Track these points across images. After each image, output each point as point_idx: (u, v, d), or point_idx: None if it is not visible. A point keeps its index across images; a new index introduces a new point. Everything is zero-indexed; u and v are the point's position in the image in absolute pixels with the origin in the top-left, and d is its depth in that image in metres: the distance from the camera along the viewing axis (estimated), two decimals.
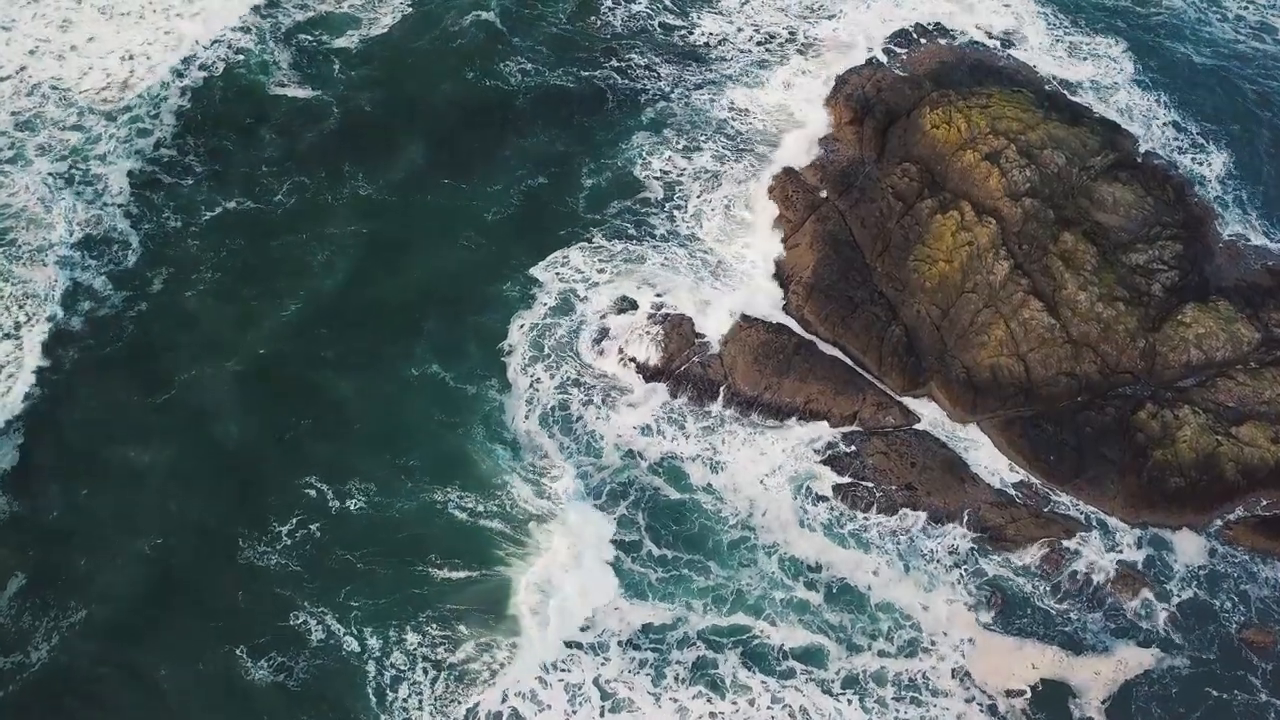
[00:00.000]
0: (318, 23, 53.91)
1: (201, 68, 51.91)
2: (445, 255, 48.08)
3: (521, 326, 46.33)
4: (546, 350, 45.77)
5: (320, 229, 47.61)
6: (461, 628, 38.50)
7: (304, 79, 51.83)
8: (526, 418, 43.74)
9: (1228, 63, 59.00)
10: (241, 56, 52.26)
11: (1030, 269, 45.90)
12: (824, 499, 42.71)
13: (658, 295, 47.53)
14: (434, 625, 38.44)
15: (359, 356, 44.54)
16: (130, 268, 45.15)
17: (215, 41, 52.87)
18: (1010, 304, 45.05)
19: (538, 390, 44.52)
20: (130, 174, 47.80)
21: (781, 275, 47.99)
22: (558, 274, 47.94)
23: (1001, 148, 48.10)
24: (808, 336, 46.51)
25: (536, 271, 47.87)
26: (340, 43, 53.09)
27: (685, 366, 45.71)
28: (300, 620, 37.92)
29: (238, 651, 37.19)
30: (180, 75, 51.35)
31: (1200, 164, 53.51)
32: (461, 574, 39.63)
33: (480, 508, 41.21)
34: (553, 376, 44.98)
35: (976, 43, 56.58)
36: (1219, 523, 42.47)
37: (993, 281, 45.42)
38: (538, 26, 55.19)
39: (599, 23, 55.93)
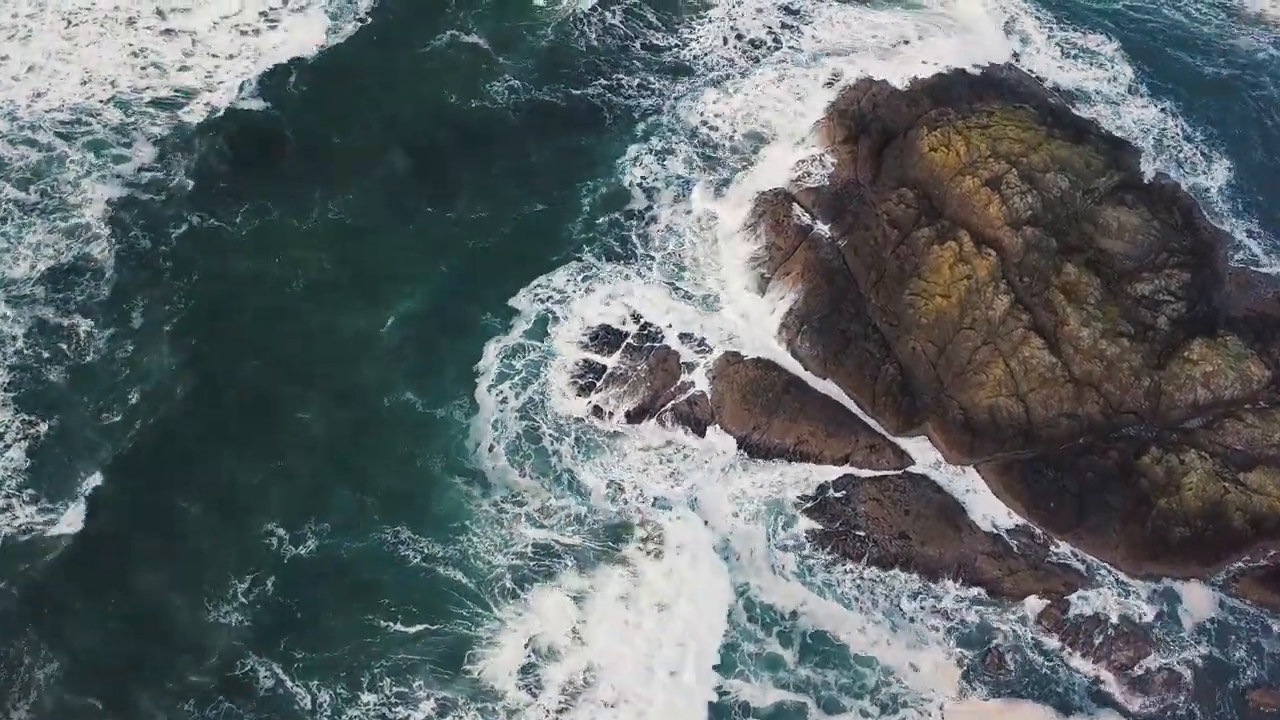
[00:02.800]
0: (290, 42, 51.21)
1: (175, 90, 49.20)
2: (425, 280, 45.99)
3: (500, 357, 44.54)
4: (524, 384, 44.03)
5: (294, 254, 45.49)
6: (419, 684, 36.87)
7: (271, 98, 49.18)
8: (491, 450, 42.09)
9: (1238, 72, 56.60)
10: (212, 77, 49.58)
11: (1031, 303, 43.83)
12: (809, 546, 40.90)
13: (642, 327, 45.52)
14: (389, 679, 36.94)
15: (331, 387, 42.76)
16: (103, 299, 43.04)
17: (187, 60, 50.08)
18: (1010, 341, 43.02)
19: (507, 427, 42.76)
20: (105, 200, 45.45)
21: (772, 306, 45.90)
22: (539, 301, 45.98)
23: (1002, 172, 45.86)
24: (798, 372, 44.56)
25: (517, 299, 45.91)
26: (313, 60, 50.42)
27: (670, 404, 43.80)
28: (248, 669, 36.39)
29: (187, 707, 35.75)
30: (151, 95, 48.70)
31: (1208, 182, 51.35)
32: (416, 626, 37.95)
33: (439, 553, 39.57)
34: (529, 413, 43.21)
35: (976, 53, 54.06)
36: (1225, 574, 40.71)
37: (992, 317, 43.36)
38: (519, 40, 52.55)
39: (582, 37, 53.33)
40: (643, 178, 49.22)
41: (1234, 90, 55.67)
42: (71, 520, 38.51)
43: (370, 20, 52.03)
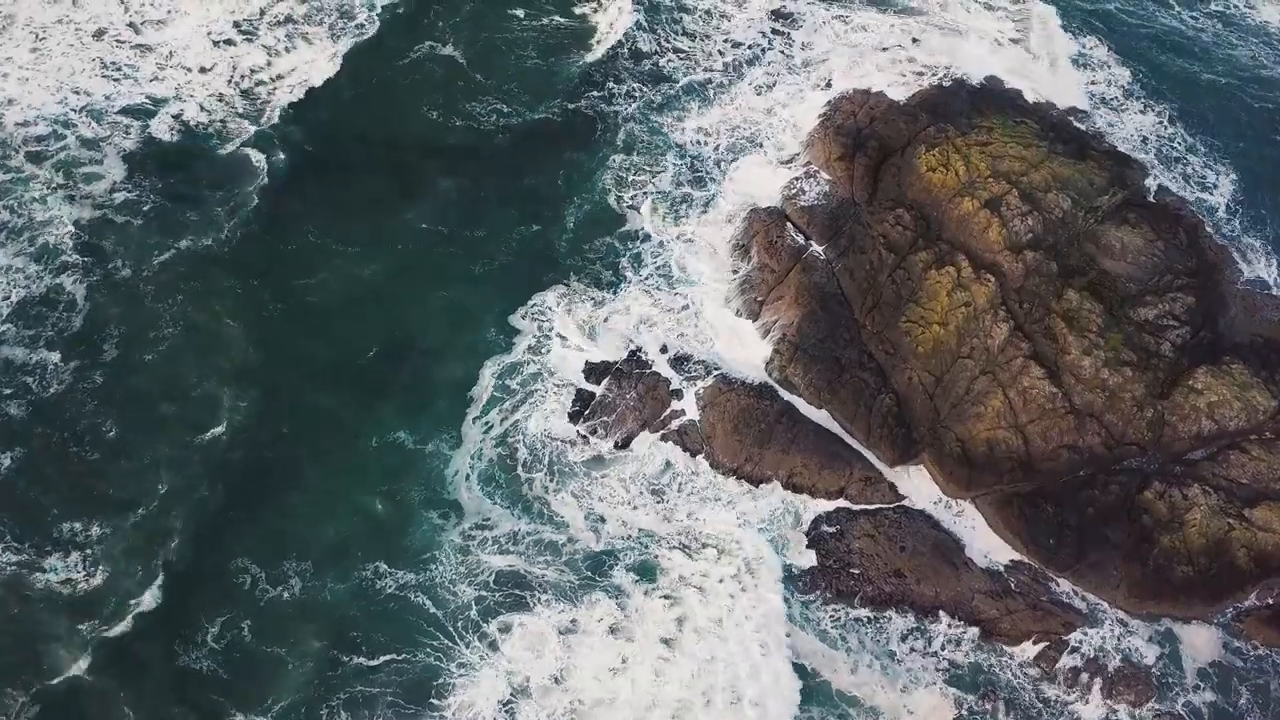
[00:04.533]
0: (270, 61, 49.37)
1: (150, 100, 47.46)
2: (413, 305, 44.57)
3: (488, 383, 43.19)
4: (508, 413, 42.76)
5: (280, 282, 43.89)
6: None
7: (249, 115, 47.52)
8: (468, 480, 40.91)
9: (1242, 84, 55.08)
10: (190, 94, 47.76)
11: (1031, 330, 42.51)
12: (803, 584, 39.79)
13: (631, 353, 44.21)
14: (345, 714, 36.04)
15: (317, 420, 41.42)
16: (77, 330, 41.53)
17: (161, 76, 48.30)
18: (1009, 371, 41.73)
19: (498, 456, 41.60)
20: (74, 221, 43.77)
21: (764, 330, 44.61)
22: (529, 327, 44.82)
23: (1002, 193, 44.41)
24: (790, 399, 43.32)
25: (508, 324, 44.74)
26: (294, 80, 48.58)
27: (660, 433, 42.59)
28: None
29: None
30: (126, 112, 46.99)
31: (1212, 198, 50.02)
32: (387, 663, 36.95)
33: (416, 590, 38.48)
34: (510, 441, 41.90)
35: (977, 63, 52.38)
36: (1230, 614, 39.63)
37: (990, 346, 42.06)
38: (502, 56, 50.82)
39: (574, 51, 51.60)
40: (630, 196, 47.81)
41: (1237, 101, 54.22)
42: (53, 564, 37.39)
43: (353, 32, 50.22)
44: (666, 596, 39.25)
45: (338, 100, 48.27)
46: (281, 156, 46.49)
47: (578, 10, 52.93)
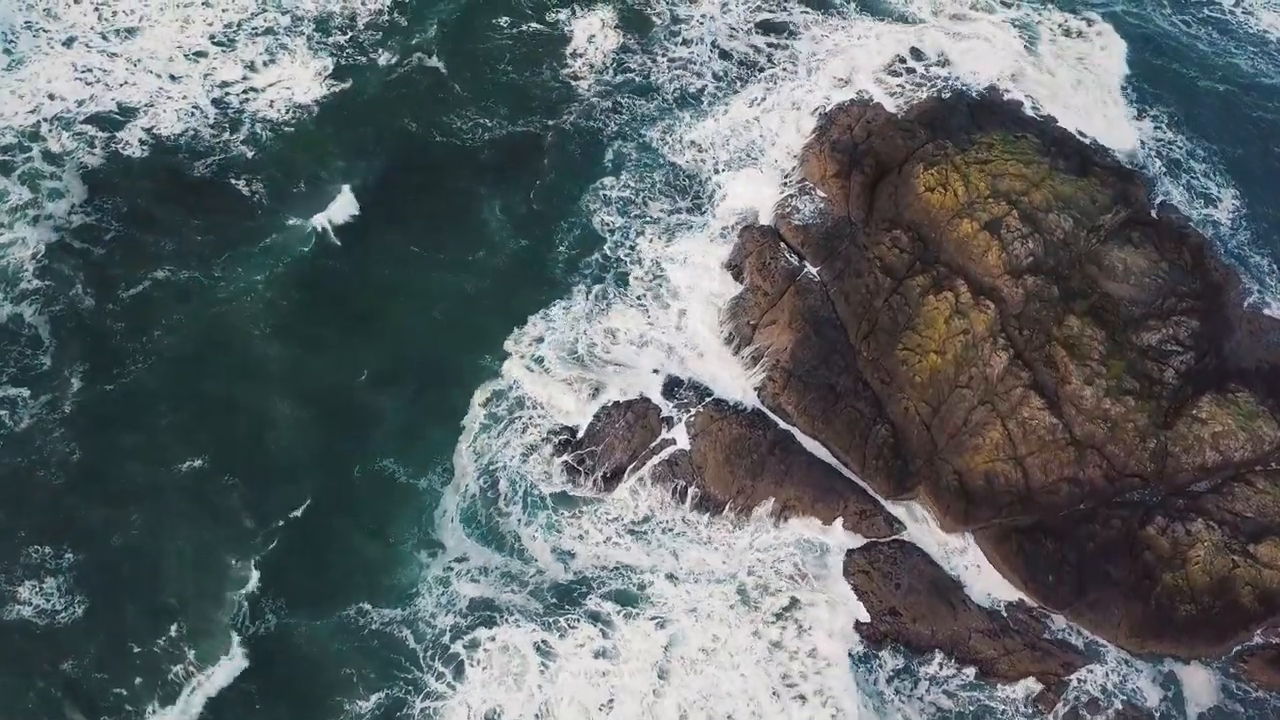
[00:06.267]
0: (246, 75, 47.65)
1: (121, 110, 45.87)
2: (400, 330, 43.19)
3: (479, 416, 41.82)
4: (492, 443, 41.36)
5: (260, 307, 42.35)
6: None
7: (232, 130, 45.90)
8: (457, 520, 39.64)
9: (1237, 90, 53.72)
10: (166, 108, 46.14)
11: (1031, 358, 41.29)
12: (795, 625, 38.74)
13: (624, 376, 42.93)
14: None
15: (302, 456, 40.03)
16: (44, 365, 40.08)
17: (133, 82, 46.66)
18: (1008, 401, 40.54)
19: (480, 490, 40.26)
20: (37, 245, 42.21)
21: (757, 355, 43.37)
22: (519, 350, 43.25)
23: (1002, 214, 43.09)
24: (784, 426, 42.12)
25: (497, 348, 43.21)
26: (273, 94, 46.92)
27: (650, 463, 41.43)
28: None
29: None
30: (97, 124, 45.36)
31: (1217, 214, 48.78)
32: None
33: (395, 630, 37.40)
34: (494, 474, 40.65)
35: (976, 74, 50.87)
36: (1233, 654, 38.64)
37: (989, 375, 40.86)
38: (486, 69, 49.20)
39: (560, 63, 49.96)
40: (619, 214, 46.36)
41: (1238, 112, 52.88)
42: (24, 597, 36.23)
43: (332, 47, 48.54)
44: (656, 624, 38.23)
45: (317, 115, 46.56)
46: (259, 176, 44.82)
47: (550, 18, 51.22)
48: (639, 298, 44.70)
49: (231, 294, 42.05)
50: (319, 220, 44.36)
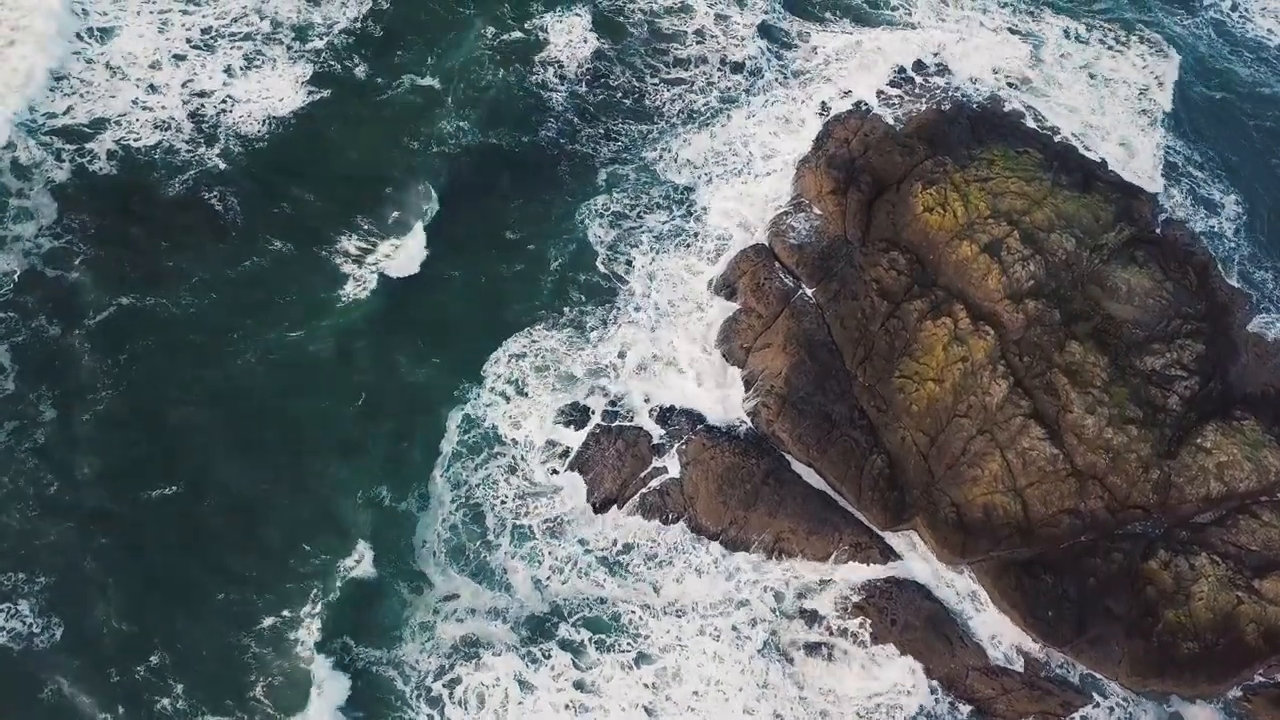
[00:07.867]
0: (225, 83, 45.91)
1: (92, 123, 44.14)
2: (387, 353, 41.59)
3: (457, 440, 40.47)
4: (477, 470, 40.09)
5: (241, 332, 40.75)
6: None
7: (208, 146, 44.20)
8: (428, 547, 38.37)
9: (1234, 97, 52.51)
10: (141, 124, 44.25)
11: (1031, 386, 40.16)
12: (789, 663, 37.78)
13: (610, 403, 41.76)
14: None
15: (284, 484, 38.52)
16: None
17: (111, 93, 44.90)
18: (1008, 431, 39.43)
19: (450, 520, 38.99)
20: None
21: (750, 380, 42.20)
22: (508, 373, 41.80)
23: (1003, 236, 41.86)
24: (777, 456, 40.97)
25: (487, 371, 41.77)
26: (255, 109, 45.22)
27: (640, 493, 40.30)
28: None
29: None
30: (65, 138, 43.69)
31: (1222, 230, 47.68)
32: None
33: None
34: (477, 503, 39.39)
35: (978, 84, 49.50)
36: (1237, 692, 37.77)
37: (988, 404, 39.73)
38: (477, 82, 47.51)
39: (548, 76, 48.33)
40: (611, 233, 45.00)
41: (1238, 122, 51.67)
42: None
43: (312, 55, 46.88)
44: (641, 659, 37.25)
45: (299, 129, 44.95)
46: (234, 193, 43.20)
47: (531, 24, 49.71)
48: (629, 320, 43.39)
49: (202, 318, 40.53)
50: (296, 241, 42.86)
